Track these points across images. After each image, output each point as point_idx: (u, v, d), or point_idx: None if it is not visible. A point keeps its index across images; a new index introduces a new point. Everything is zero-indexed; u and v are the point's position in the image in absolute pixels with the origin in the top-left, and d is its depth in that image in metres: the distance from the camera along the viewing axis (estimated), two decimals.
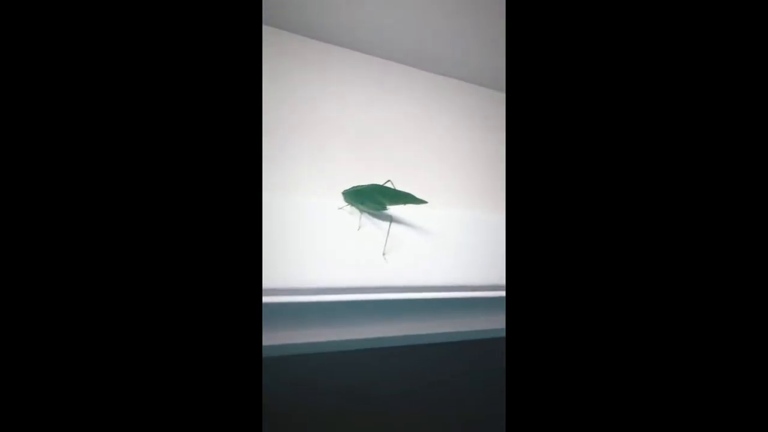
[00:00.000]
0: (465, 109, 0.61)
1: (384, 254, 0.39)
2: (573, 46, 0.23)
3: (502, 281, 0.48)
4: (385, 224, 0.40)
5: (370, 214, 0.40)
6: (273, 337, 0.33)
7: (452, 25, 0.57)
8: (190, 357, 0.20)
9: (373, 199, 0.39)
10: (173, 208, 0.21)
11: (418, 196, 0.39)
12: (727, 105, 0.21)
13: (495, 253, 0.48)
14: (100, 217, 0.20)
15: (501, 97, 0.69)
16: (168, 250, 0.20)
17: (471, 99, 0.64)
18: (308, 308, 0.34)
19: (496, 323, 0.58)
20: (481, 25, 0.58)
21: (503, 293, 0.49)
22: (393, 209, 0.41)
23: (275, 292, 0.33)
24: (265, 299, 0.32)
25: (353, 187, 0.40)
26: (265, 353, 0.33)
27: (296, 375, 0.41)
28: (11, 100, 0.19)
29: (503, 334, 0.67)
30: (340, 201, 0.40)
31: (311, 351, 0.35)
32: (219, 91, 0.21)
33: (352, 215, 0.39)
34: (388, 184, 0.41)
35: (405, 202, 0.40)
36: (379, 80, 0.54)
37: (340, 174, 0.42)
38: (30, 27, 0.20)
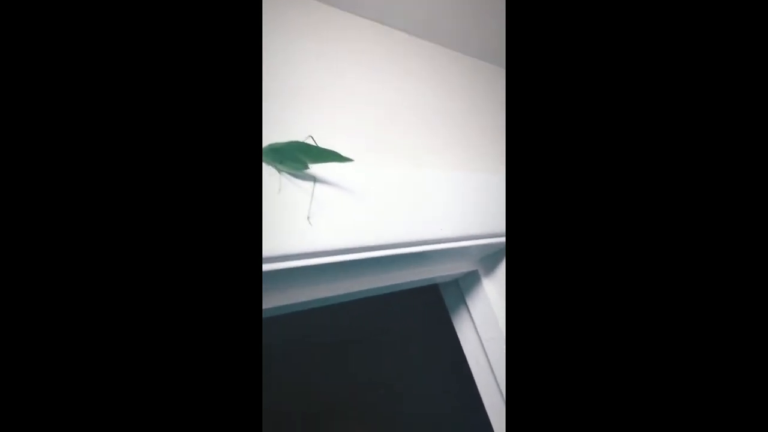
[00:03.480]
0: (392, 59, 0.57)
1: (309, 218, 0.36)
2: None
3: (431, 236, 0.47)
4: (308, 185, 0.37)
5: (290, 174, 0.36)
6: None
7: None
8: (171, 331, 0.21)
9: (293, 157, 0.35)
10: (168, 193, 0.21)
11: (343, 153, 0.36)
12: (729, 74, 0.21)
13: (423, 209, 0.47)
14: (92, 189, 0.20)
15: (428, 45, 0.66)
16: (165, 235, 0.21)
17: (397, 46, 0.60)
18: None
19: (426, 273, 0.59)
20: None
21: (434, 246, 0.49)
22: (316, 168, 0.38)
23: None
24: None
25: (270, 145, 0.35)
26: None
27: None
28: (8, 99, 0.19)
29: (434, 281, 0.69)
30: None
31: None
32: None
33: (270, 176, 0.35)
34: (309, 141, 0.37)
35: (328, 161, 0.36)
36: (294, 22, 0.48)
37: None
38: (19, 13, 0.20)
